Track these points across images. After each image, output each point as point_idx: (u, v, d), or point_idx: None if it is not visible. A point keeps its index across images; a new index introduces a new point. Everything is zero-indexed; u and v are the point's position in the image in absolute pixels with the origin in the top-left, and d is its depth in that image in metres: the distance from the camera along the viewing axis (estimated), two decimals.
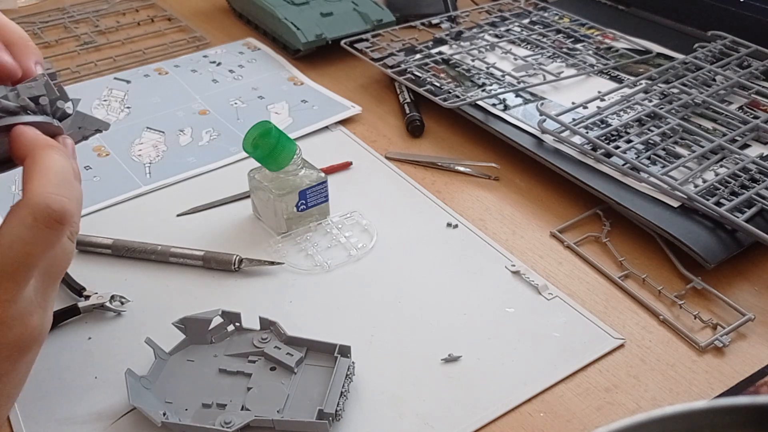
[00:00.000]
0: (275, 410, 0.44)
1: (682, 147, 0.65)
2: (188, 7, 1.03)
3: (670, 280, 0.55)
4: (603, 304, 0.54)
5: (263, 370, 0.47)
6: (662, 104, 0.70)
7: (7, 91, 0.39)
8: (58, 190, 0.35)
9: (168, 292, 0.55)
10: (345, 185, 0.66)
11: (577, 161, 0.64)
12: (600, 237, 0.60)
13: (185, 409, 0.44)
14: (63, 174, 0.36)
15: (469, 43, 0.84)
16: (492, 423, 0.45)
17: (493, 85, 0.75)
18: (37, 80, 0.40)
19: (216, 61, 0.87)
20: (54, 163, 0.36)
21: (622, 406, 0.46)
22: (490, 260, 0.58)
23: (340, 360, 0.47)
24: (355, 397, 0.46)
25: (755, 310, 0.52)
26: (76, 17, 0.99)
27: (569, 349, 0.50)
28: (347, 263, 0.57)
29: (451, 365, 0.49)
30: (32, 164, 0.36)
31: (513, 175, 0.67)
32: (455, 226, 0.61)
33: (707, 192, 0.59)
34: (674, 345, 0.50)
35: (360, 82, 0.83)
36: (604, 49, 0.83)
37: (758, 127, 0.66)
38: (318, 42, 0.84)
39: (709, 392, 0.47)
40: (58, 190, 0.35)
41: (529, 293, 0.54)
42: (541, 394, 0.47)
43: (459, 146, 0.71)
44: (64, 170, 0.36)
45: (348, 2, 0.89)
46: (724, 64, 0.76)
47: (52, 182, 0.35)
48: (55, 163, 0.36)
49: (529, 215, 0.63)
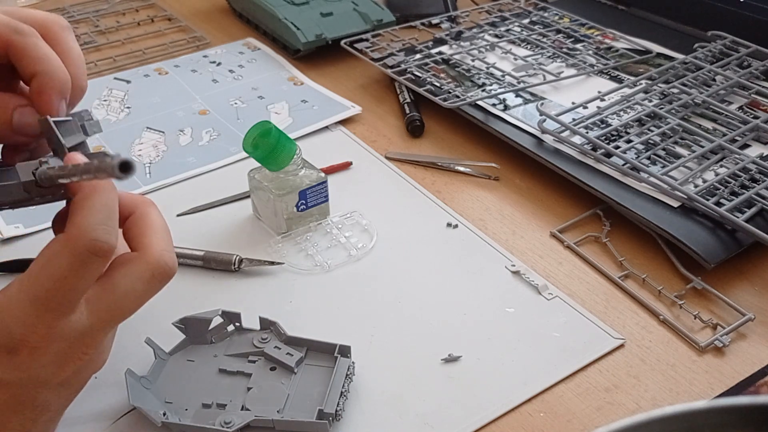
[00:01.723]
0: (275, 410, 0.44)
1: (682, 147, 0.65)
2: (188, 7, 1.03)
3: (670, 280, 0.55)
4: (603, 304, 0.54)
5: (263, 370, 0.47)
6: (662, 104, 0.70)
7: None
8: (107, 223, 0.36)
9: (168, 292, 0.55)
10: (345, 185, 0.66)
11: (577, 161, 0.64)
12: (600, 237, 0.60)
13: (185, 409, 0.44)
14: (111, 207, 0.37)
15: (469, 43, 0.84)
16: (492, 423, 0.45)
17: (493, 85, 0.75)
18: (70, 123, 0.39)
19: (216, 61, 0.87)
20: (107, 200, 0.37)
21: (622, 406, 0.46)
22: (490, 260, 0.58)
23: (340, 360, 0.47)
24: (355, 397, 0.46)
25: (755, 310, 0.52)
26: (76, 17, 0.98)
27: (569, 349, 0.50)
28: (347, 263, 0.57)
29: (451, 365, 0.49)
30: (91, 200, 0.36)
31: (513, 175, 0.67)
32: (455, 226, 0.61)
33: (707, 192, 0.59)
34: (674, 345, 0.50)
35: (360, 82, 0.83)
36: (604, 49, 0.83)
37: (758, 127, 0.66)
38: (318, 42, 0.84)
39: (709, 392, 0.47)
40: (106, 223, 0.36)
41: (529, 293, 0.54)
42: (541, 394, 0.47)
43: (459, 146, 0.71)
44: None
45: (348, 2, 0.89)
46: (724, 64, 0.76)
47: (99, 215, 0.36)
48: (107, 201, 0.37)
49: (529, 215, 0.63)
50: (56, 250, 0.34)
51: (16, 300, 0.34)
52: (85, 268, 0.34)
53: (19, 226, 0.61)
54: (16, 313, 0.34)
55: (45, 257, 0.34)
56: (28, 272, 0.34)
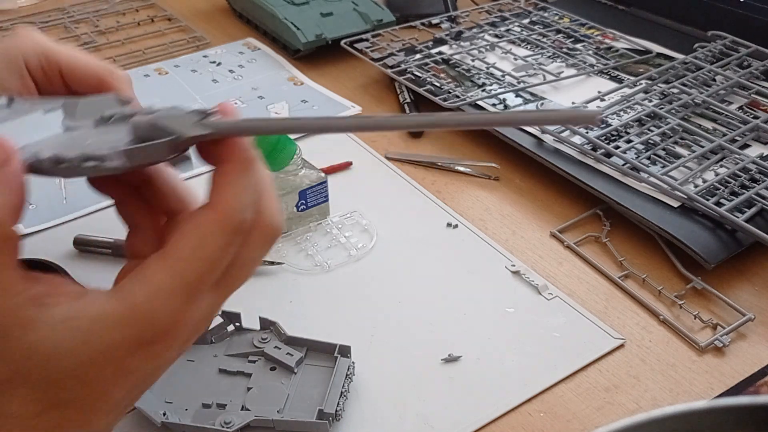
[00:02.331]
0: (275, 410, 0.44)
1: (682, 147, 0.65)
2: (188, 7, 1.03)
3: (670, 280, 0.55)
4: (603, 304, 0.54)
5: (263, 370, 0.47)
6: (662, 104, 0.70)
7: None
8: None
9: None
10: (345, 185, 0.66)
11: (577, 161, 0.64)
12: (600, 237, 0.60)
13: (185, 409, 0.44)
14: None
15: (469, 43, 0.84)
16: (492, 423, 0.45)
17: (493, 85, 0.75)
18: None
19: (216, 61, 0.87)
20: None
21: (622, 406, 0.46)
22: (490, 260, 0.58)
23: (340, 360, 0.47)
24: (355, 397, 0.46)
25: (755, 310, 0.52)
26: (76, 17, 0.98)
27: (569, 349, 0.50)
28: (347, 263, 0.57)
29: (451, 365, 0.49)
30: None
31: (513, 175, 0.67)
32: (455, 226, 0.61)
33: (707, 192, 0.59)
34: (674, 345, 0.50)
35: (360, 82, 0.83)
36: (604, 49, 0.83)
37: (758, 127, 0.66)
38: (318, 42, 0.84)
39: (709, 392, 0.47)
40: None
41: (529, 293, 0.54)
42: (541, 394, 0.47)
43: (459, 146, 0.71)
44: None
45: (348, 2, 0.89)
46: (724, 64, 0.76)
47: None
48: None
49: (529, 215, 0.63)
50: (210, 230, 0.31)
51: (167, 290, 0.30)
52: (232, 249, 0.32)
53: (19, 226, 0.61)
54: (168, 304, 0.30)
55: (196, 238, 0.31)
56: (176, 256, 0.30)
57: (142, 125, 0.32)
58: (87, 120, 0.34)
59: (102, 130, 0.34)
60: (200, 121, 0.31)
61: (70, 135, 0.33)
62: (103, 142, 0.32)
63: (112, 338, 0.29)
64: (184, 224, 0.31)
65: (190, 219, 0.31)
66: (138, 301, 0.29)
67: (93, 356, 0.29)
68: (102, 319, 0.29)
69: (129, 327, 0.29)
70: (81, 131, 0.34)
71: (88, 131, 0.34)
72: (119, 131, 0.33)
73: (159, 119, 0.31)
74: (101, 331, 0.29)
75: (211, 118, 0.32)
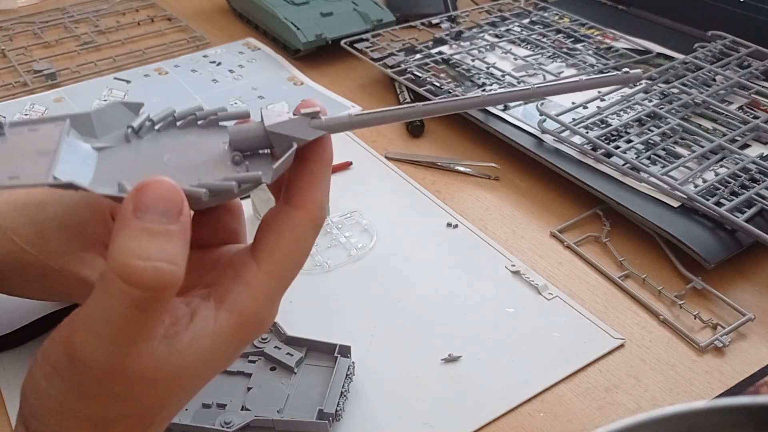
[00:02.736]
0: (275, 410, 0.44)
1: (682, 147, 0.65)
2: (188, 7, 1.03)
3: (670, 280, 0.55)
4: (603, 304, 0.54)
5: (263, 370, 0.47)
6: (662, 104, 0.70)
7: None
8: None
9: None
10: (345, 185, 0.66)
11: (577, 161, 0.64)
12: (600, 237, 0.60)
13: (185, 409, 0.44)
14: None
15: (469, 43, 0.84)
16: (492, 423, 0.45)
17: (493, 85, 0.75)
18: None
19: (216, 61, 0.87)
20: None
21: (622, 406, 0.46)
22: (490, 260, 0.58)
23: (340, 360, 0.47)
24: (355, 397, 0.46)
25: (755, 310, 0.52)
26: (76, 17, 0.98)
27: (569, 349, 0.50)
28: (347, 263, 0.57)
29: (451, 365, 0.49)
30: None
31: (513, 175, 0.67)
32: (455, 226, 0.61)
33: (707, 192, 0.59)
34: (674, 345, 0.50)
35: (360, 82, 0.83)
36: (604, 49, 0.83)
37: (758, 127, 0.66)
38: (318, 42, 0.84)
39: (709, 392, 0.47)
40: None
41: (529, 293, 0.54)
42: (541, 394, 0.47)
43: (459, 146, 0.71)
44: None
45: (348, 2, 0.89)
46: (724, 64, 0.76)
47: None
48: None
49: (529, 215, 0.63)
50: (304, 231, 0.32)
51: (270, 294, 0.31)
52: (313, 244, 0.33)
53: None
54: (271, 305, 0.32)
55: (294, 241, 0.32)
56: (275, 260, 0.31)
57: (250, 134, 0.31)
58: (112, 135, 0.32)
59: (181, 141, 0.32)
60: (311, 123, 0.31)
61: (161, 160, 0.31)
62: (207, 155, 0.31)
63: (229, 347, 0.31)
64: (276, 226, 0.32)
65: (282, 220, 0.32)
66: (247, 311, 0.30)
67: (215, 367, 0.31)
68: (220, 334, 0.30)
69: (241, 333, 0.31)
70: (149, 150, 0.32)
71: (168, 148, 0.32)
72: (205, 142, 0.32)
73: (276, 127, 0.31)
74: (222, 344, 0.30)
75: (319, 119, 0.31)
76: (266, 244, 0.32)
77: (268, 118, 0.31)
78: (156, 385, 0.29)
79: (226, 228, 0.36)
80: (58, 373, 0.28)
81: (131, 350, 0.27)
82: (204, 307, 0.30)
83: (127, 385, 0.28)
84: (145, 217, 0.27)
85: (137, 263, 0.26)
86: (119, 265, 0.26)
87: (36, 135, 0.30)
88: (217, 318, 0.30)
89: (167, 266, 0.26)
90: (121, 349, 0.27)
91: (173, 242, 0.27)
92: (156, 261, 0.26)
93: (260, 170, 0.30)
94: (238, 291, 0.31)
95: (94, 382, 0.28)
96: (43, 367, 0.29)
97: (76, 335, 0.28)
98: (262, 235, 0.32)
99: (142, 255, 0.26)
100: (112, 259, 0.26)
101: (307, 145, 0.31)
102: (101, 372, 0.28)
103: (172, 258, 0.26)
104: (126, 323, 0.27)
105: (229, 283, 0.31)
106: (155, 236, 0.26)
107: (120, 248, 0.26)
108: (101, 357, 0.27)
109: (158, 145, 0.32)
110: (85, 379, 0.28)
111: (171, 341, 0.29)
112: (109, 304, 0.26)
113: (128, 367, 0.28)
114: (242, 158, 0.31)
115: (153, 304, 0.27)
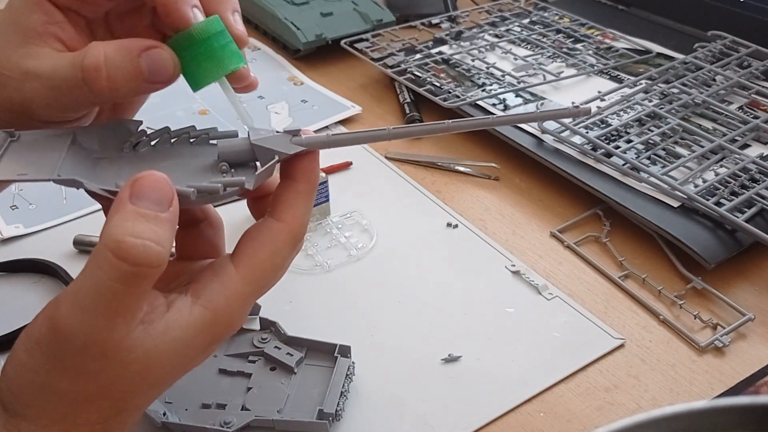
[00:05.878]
0: (275, 410, 0.44)
1: (682, 147, 0.65)
2: None
3: (670, 280, 0.55)
4: (603, 304, 0.54)
5: (263, 370, 0.47)
6: (662, 104, 0.70)
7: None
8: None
9: None
10: (345, 185, 0.66)
11: (577, 161, 0.64)
12: (600, 237, 0.60)
13: (185, 409, 0.44)
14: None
15: (469, 43, 0.84)
16: (492, 423, 0.45)
17: (493, 85, 0.75)
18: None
19: None
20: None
21: (622, 406, 0.46)
22: (490, 260, 0.58)
23: (340, 360, 0.47)
24: (355, 397, 0.46)
25: (755, 310, 0.52)
26: None
27: (569, 349, 0.50)
28: (347, 263, 0.57)
29: (451, 365, 0.49)
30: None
31: (513, 175, 0.67)
32: (455, 226, 0.61)
33: (707, 192, 0.59)
34: (674, 345, 0.50)
35: (360, 82, 0.83)
36: (604, 49, 0.83)
37: (758, 127, 0.66)
38: (318, 42, 0.84)
39: (709, 392, 0.47)
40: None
41: (529, 293, 0.54)
42: (541, 394, 0.47)
43: (459, 146, 0.71)
44: None
45: (348, 2, 0.89)
46: (724, 64, 0.76)
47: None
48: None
49: (529, 215, 0.63)
50: (283, 242, 0.34)
51: (243, 295, 0.34)
52: (292, 258, 0.35)
53: (19, 226, 0.61)
54: (242, 307, 0.34)
55: (271, 250, 0.34)
56: (252, 265, 0.34)
57: (237, 148, 0.35)
58: (112, 149, 0.37)
59: (174, 155, 0.37)
60: (292, 139, 0.35)
61: (155, 168, 0.33)
62: (197, 166, 0.35)
63: (200, 341, 0.32)
64: (257, 235, 0.34)
65: (264, 230, 0.34)
66: (220, 308, 0.33)
67: (186, 360, 0.33)
68: (193, 326, 0.32)
69: (213, 330, 0.33)
70: (144, 161, 0.36)
71: (160, 158, 0.36)
72: (196, 155, 0.37)
73: (260, 141, 0.34)
74: (193, 337, 0.32)
75: (299, 137, 0.35)
76: (245, 250, 0.34)
77: (253, 134, 0.35)
78: (129, 367, 0.30)
79: (207, 241, 0.39)
80: (38, 346, 0.30)
81: (112, 325, 0.29)
82: (181, 300, 0.32)
83: (103, 362, 0.30)
84: (139, 203, 0.30)
85: (129, 239, 0.29)
86: (112, 241, 0.29)
87: (46, 141, 0.34)
88: (191, 311, 0.32)
89: (155, 246, 0.29)
90: (103, 323, 0.29)
91: (163, 227, 0.30)
92: (146, 240, 0.29)
93: (244, 177, 0.34)
94: (214, 289, 0.33)
95: (73, 354, 0.30)
96: (26, 343, 0.31)
97: (62, 308, 0.30)
98: (243, 242, 0.35)
99: (134, 233, 0.29)
100: (105, 235, 0.29)
101: (295, 165, 0.35)
102: (81, 344, 0.29)
103: (160, 240, 0.29)
104: (112, 296, 0.29)
105: (206, 281, 0.33)
106: (147, 219, 0.29)
107: (114, 226, 0.29)
108: (84, 329, 0.29)
109: (153, 157, 0.36)
110: (64, 351, 0.30)
111: (147, 327, 0.31)
112: (98, 277, 0.29)
113: (107, 342, 0.29)
114: (229, 168, 0.35)
115: (138, 280, 0.29)
